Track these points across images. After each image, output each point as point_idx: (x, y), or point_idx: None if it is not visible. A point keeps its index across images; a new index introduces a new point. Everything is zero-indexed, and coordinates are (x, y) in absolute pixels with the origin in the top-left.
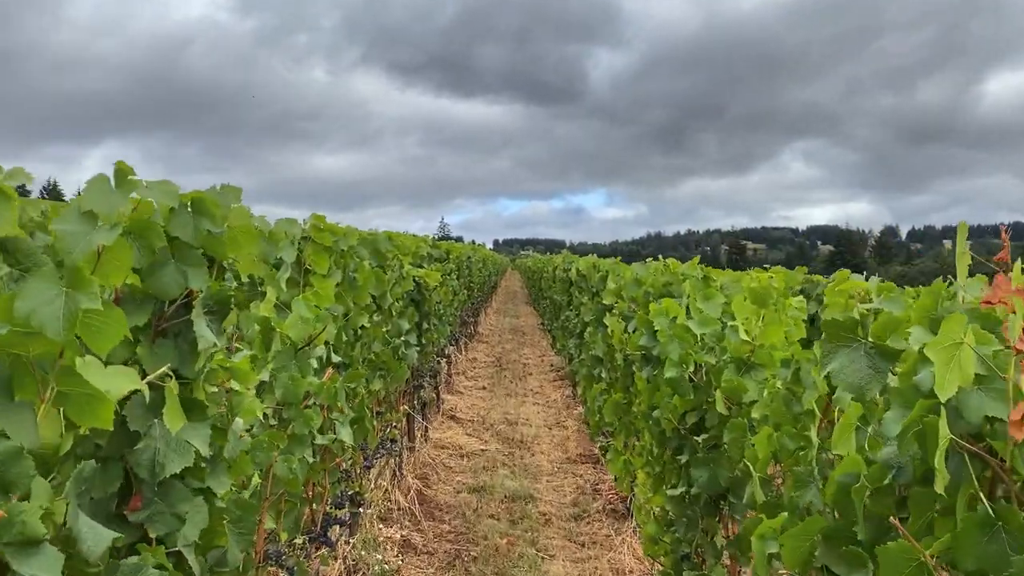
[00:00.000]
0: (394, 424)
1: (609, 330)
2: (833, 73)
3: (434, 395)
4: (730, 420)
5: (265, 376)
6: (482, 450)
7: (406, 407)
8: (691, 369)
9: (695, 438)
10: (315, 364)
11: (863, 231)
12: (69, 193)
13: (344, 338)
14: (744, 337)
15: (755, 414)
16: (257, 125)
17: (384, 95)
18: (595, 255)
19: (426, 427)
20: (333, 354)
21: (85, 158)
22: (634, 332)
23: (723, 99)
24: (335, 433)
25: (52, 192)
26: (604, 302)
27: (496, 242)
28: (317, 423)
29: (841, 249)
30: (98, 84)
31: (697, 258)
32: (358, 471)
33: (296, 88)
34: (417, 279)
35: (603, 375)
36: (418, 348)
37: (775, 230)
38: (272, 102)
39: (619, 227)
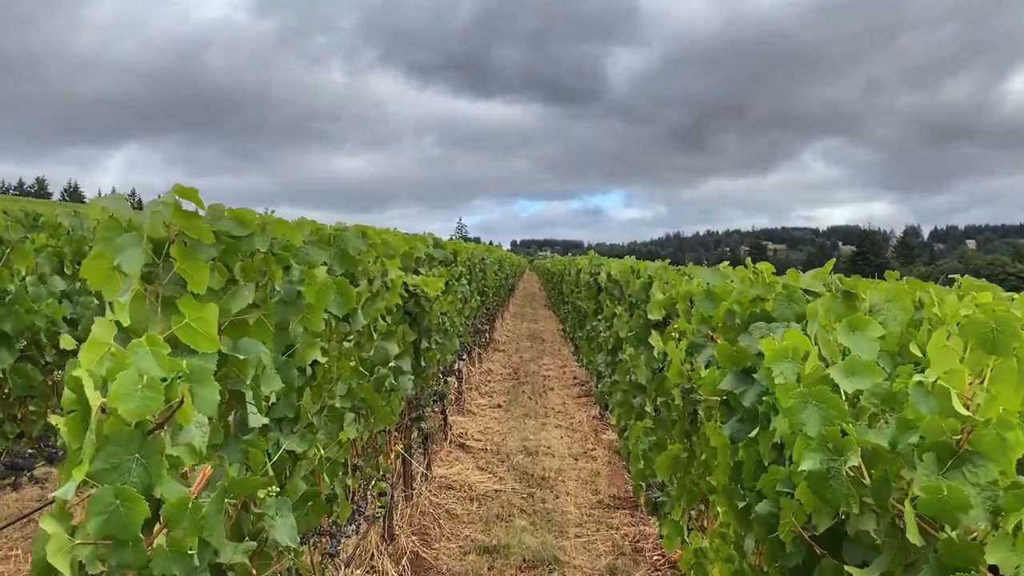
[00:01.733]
0: (382, 475)
1: (656, 352)
2: (854, 71)
3: (441, 420)
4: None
5: (69, 493)
6: (496, 491)
7: (400, 448)
8: (850, 460)
9: (842, 565)
10: (185, 455)
11: (884, 231)
12: (90, 195)
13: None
14: (959, 408)
15: (993, 558)
16: (276, 127)
17: (402, 96)
18: (609, 257)
19: (428, 462)
20: (256, 414)
21: (106, 160)
22: (707, 367)
23: (743, 98)
24: (263, 532)
25: (73, 194)
26: (650, 317)
27: (514, 243)
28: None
29: (863, 249)
30: (118, 86)
31: (822, 272)
32: (315, 561)
33: (314, 89)
34: (412, 288)
35: (647, 408)
36: (413, 376)
37: (795, 230)
38: (290, 103)
39: (638, 228)
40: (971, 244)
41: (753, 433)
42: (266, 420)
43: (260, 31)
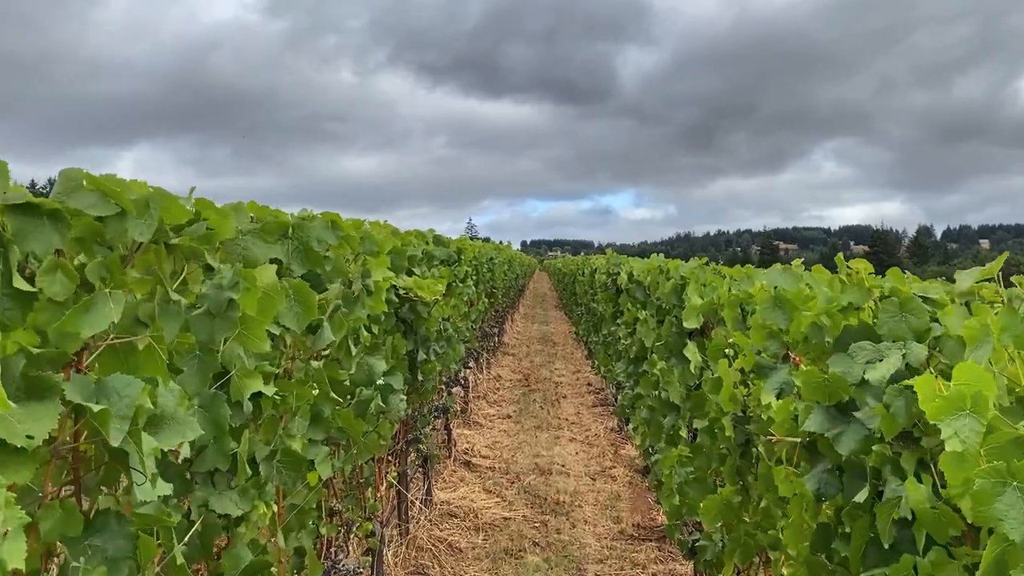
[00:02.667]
0: (368, 515)
1: (693, 366)
2: (866, 70)
3: (444, 435)
4: None
5: None
6: (505, 519)
7: (394, 476)
8: None
9: None
10: None
11: (896, 231)
12: None
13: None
14: None
15: None
16: (286, 127)
17: (412, 96)
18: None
19: (429, 487)
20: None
21: (118, 160)
22: (779, 396)
23: (754, 97)
24: None
25: None
26: (685, 325)
27: (524, 243)
28: None
29: (876, 249)
30: (129, 87)
31: (991, 270)
32: None
33: (324, 90)
34: (404, 292)
35: (681, 431)
36: (409, 392)
37: (807, 230)
38: (300, 104)
39: (648, 228)
40: (984, 244)
41: (860, 496)
42: (168, 488)
43: (270, 31)
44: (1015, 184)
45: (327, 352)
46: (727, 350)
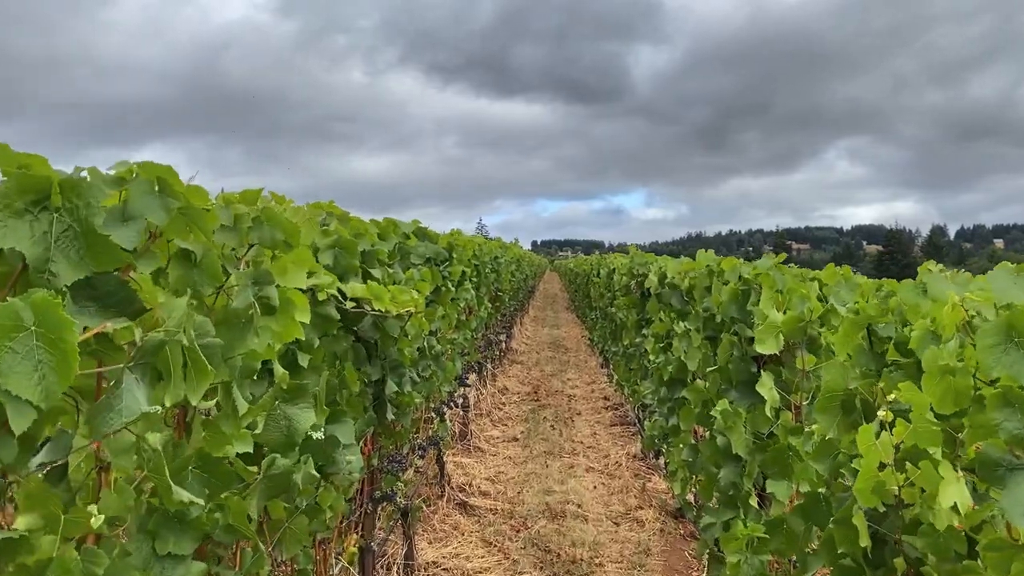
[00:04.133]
0: None
1: (769, 408)
2: (880, 68)
3: (436, 469)
4: None
5: None
6: None
7: (355, 547)
8: None
9: None
10: None
11: (910, 231)
12: None
13: None
14: None
15: None
16: (297, 127)
17: (422, 96)
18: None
19: (411, 546)
20: None
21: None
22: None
23: (766, 96)
24: None
25: None
26: (758, 349)
27: (534, 243)
28: None
29: (891, 249)
30: (141, 89)
31: None
32: None
33: (335, 90)
34: (357, 303)
35: (750, 499)
36: (372, 438)
37: (819, 230)
38: (311, 104)
39: (659, 227)
40: (999, 243)
41: None
42: None
43: (281, 32)
44: None
45: (215, 400)
46: (881, 412)
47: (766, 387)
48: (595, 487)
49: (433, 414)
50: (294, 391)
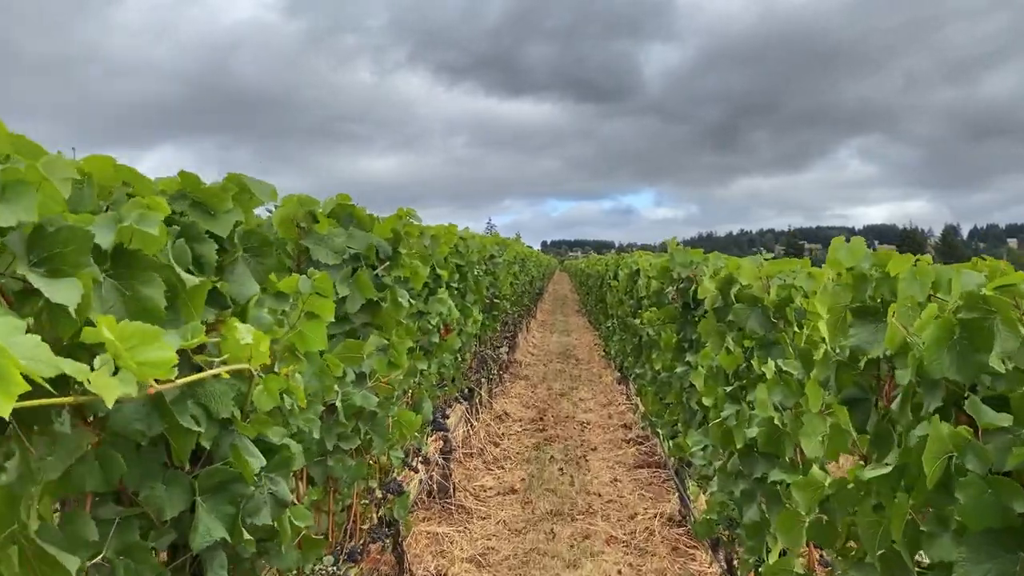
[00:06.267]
0: None
1: None
2: (892, 66)
3: (394, 559)
4: None
5: None
6: None
7: None
8: None
9: None
10: None
11: (923, 230)
12: None
13: None
14: None
15: None
16: (306, 127)
17: (431, 96)
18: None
19: None
20: None
21: (139, 162)
22: None
23: (778, 95)
24: None
25: None
26: None
27: (544, 243)
28: None
29: (904, 248)
30: (150, 89)
31: None
32: None
33: (344, 90)
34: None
35: None
36: None
37: (830, 229)
38: (319, 104)
39: (669, 227)
40: (1012, 243)
41: None
42: None
43: (289, 31)
44: None
45: None
46: None
47: None
48: (619, 573)
49: (384, 490)
50: None
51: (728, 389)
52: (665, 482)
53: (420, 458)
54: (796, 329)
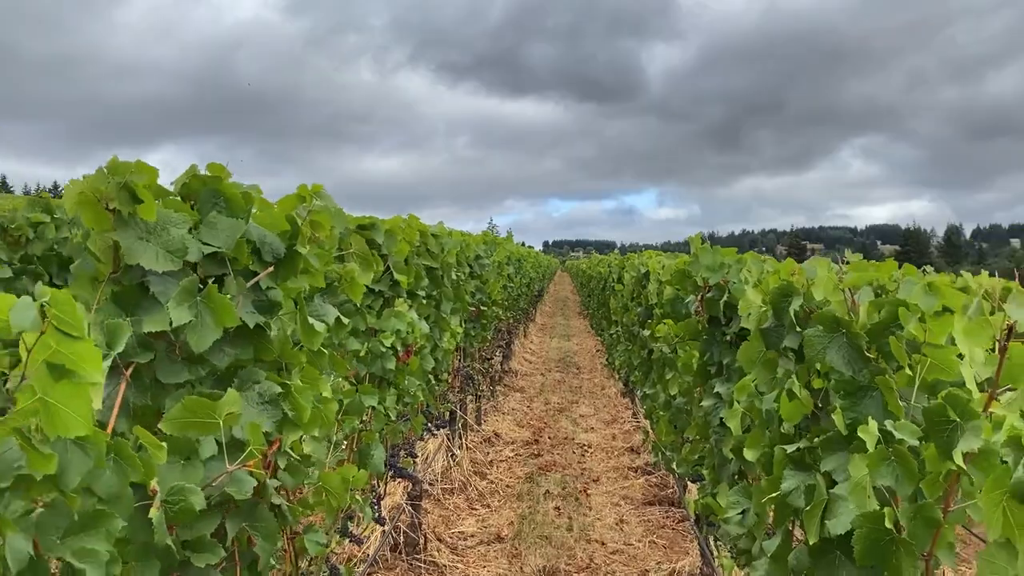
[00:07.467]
0: None
1: None
2: (896, 66)
3: None
4: None
5: None
6: None
7: None
8: None
9: None
10: None
11: (925, 230)
12: None
13: None
14: None
15: None
16: (308, 127)
17: (434, 95)
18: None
19: None
20: None
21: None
22: None
23: (780, 94)
24: None
25: None
26: None
27: (546, 243)
28: None
29: (908, 249)
30: (153, 89)
31: None
32: None
33: (346, 90)
34: None
35: None
36: None
37: (833, 229)
38: (322, 104)
39: (671, 227)
40: (1016, 243)
41: None
42: None
43: (291, 31)
44: None
45: None
46: None
47: None
48: None
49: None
50: None
51: (790, 450)
52: (680, 523)
53: (376, 512)
54: (908, 371)
